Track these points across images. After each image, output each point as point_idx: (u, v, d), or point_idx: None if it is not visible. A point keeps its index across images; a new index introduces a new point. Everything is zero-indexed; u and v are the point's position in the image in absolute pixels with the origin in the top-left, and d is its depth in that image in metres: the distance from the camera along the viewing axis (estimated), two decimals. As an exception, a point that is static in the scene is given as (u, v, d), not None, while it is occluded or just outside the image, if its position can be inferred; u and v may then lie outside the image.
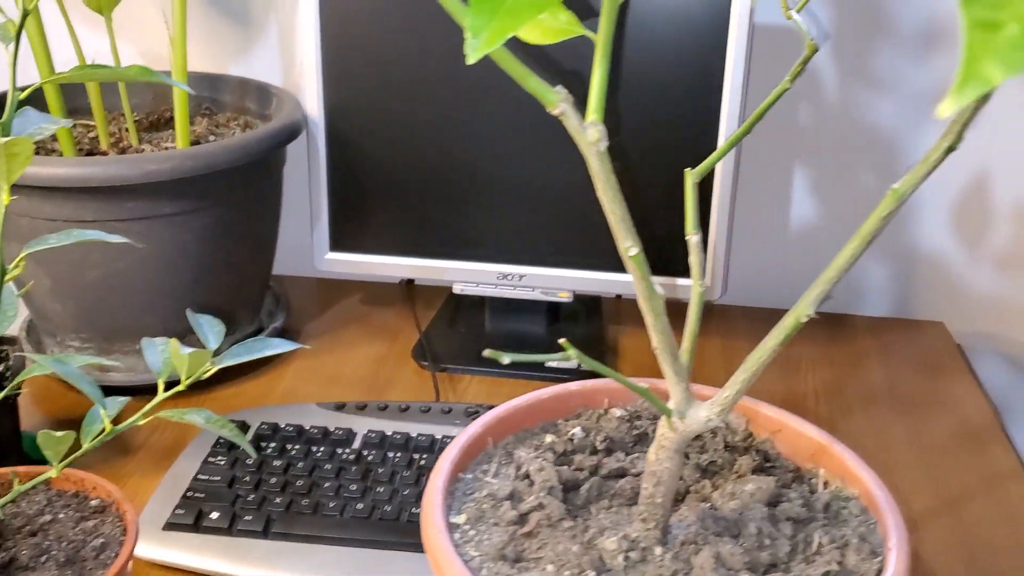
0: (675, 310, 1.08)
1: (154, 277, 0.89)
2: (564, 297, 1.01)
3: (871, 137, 1.10)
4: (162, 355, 0.54)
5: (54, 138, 0.96)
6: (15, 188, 0.51)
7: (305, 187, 1.00)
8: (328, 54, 0.94)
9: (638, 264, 0.42)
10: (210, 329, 0.55)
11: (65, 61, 0.93)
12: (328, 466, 0.81)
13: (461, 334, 1.06)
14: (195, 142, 0.98)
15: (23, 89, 0.53)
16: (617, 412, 0.61)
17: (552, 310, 1.06)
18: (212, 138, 0.99)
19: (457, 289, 1.02)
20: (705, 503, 0.54)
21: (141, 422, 0.55)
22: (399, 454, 0.82)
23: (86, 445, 0.55)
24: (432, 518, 0.50)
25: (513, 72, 0.39)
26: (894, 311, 1.18)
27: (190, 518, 0.76)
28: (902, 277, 1.17)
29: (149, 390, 0.93)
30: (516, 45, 0.40)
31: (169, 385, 0.55)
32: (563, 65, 0.90)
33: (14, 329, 1.00)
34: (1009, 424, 1.18)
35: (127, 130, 1.00)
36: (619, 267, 0.98)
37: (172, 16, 0.92)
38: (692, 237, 0.49)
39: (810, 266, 1.17)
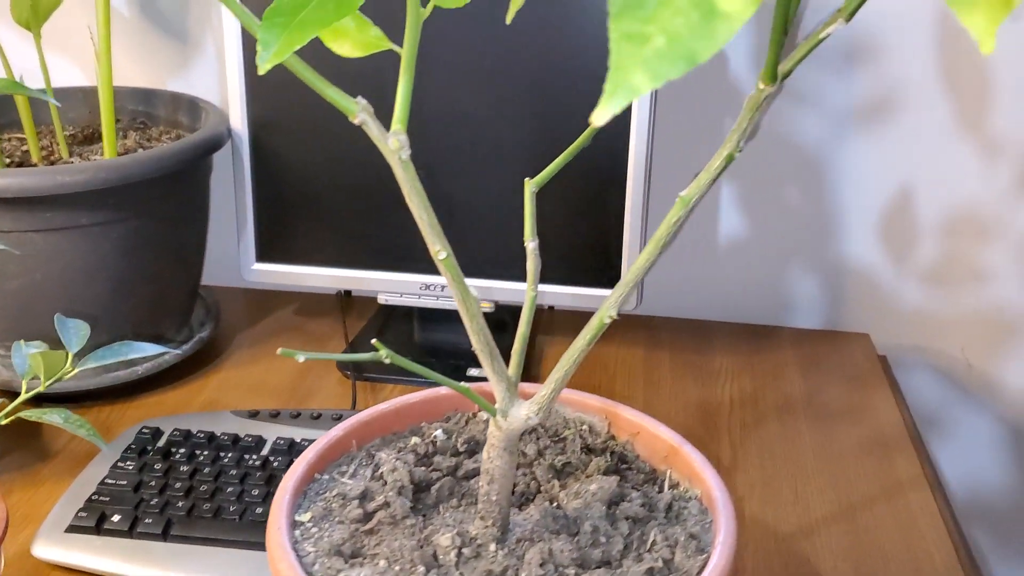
0: (583, 326, 1.09)
1: (73, 288, 0.91)
2: (485, 308, 1.03)
3: (796, 152, 1.12)
4: (27, 358, 0.56)
5: (-17, 151, 0.98)
6: None
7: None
8: (252, 67, 0.96)
9: (448, 267, 0.44)
10: (74, 332, 0.57)
11: (-8, 76, 0.95)
12: (234, 472, 0.83)
13: (388, 344, 1.06)
14: (123, 154, 1.00)
15: None
16: (484, 415, 0.63)
17: (487, 320, 1.07)
18: (140, 151, 1.01)
19: (382, 300, 1.03)
20: (552, 503, 0.55)
21: (3, 421, 0.57)
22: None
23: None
24: (274, 516, 0.51)
25: (311, 83, 0.41)
26: (822, 323, 1.20)
27: (92, 521, 0.77)
28: (830, 290, 1.18)
29: (79, 397, 0.96)
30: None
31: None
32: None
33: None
34: (932, 434, 1.20)
35: (59, 144, 1.02)
36: (546, 278, 1.00)
37: (98, 31, 0.95)
38: (529, 244, 0.50)
39: (738, 278, 1.18)
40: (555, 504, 0.55)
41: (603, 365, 1.06)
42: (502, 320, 1.09)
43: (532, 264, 0.51)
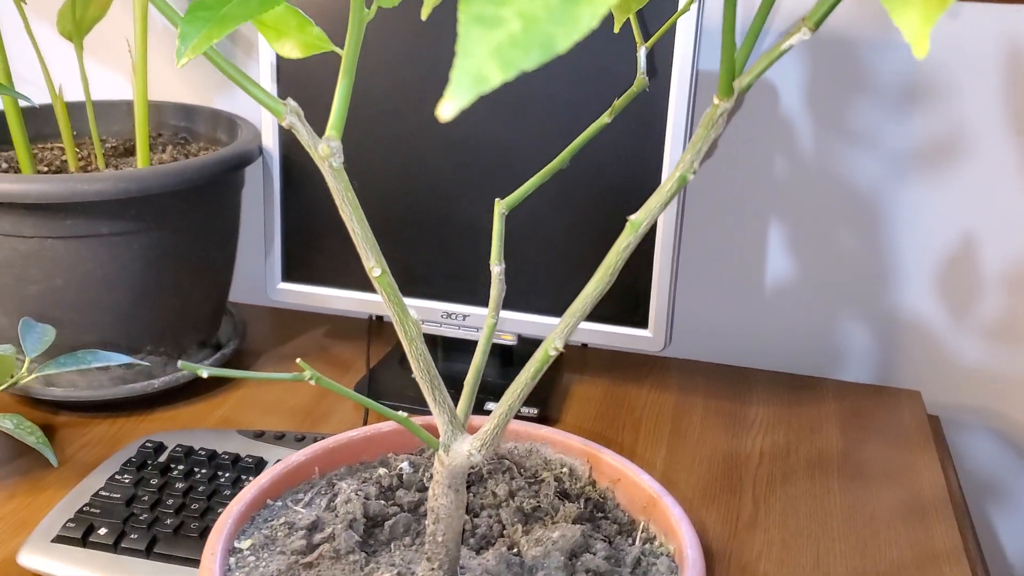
0: (621, 363, 1.05)
1: (92, 295, 0.91)
2: (508, 340, 0.99)
3: (849, 193, 1.06)
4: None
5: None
6: None
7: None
8: (285, 86, 0.96)
9: (383, 285, 0.41)
10: (37, 337, 0.55)
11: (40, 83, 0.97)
12: (228, 492, 0.81)
13: (407, 371, 1.05)
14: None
15: None
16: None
17: (505, 352, 1.04)
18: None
19: (403, 326, 1.01)
20: (511, 548, 0.52)
21: (-40, 425, 0.56)
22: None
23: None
24: (211, 541, 0.49)
25: (237, 82, 0.38)
26: (872, 378, 1.13)
27: (79, 532, 0.76)
28: (882, 342, 1.12)
29: (92, 407, 0.96)
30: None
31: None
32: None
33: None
34: (990, 502, 1.11)
35: (96, 154, 1.03)
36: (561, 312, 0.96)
37: (135, 46, 0.95)
38: (494, 267, 0.47)
39: (783, 324, 1.13)
40: (514, 550, 0.51)
41: (631, 407, 1.02)
42: (528, 353, 1.06)
43: (496, 290, 0.47)
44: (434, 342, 1.05)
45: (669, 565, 0.50)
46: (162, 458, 0.86)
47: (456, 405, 0.46)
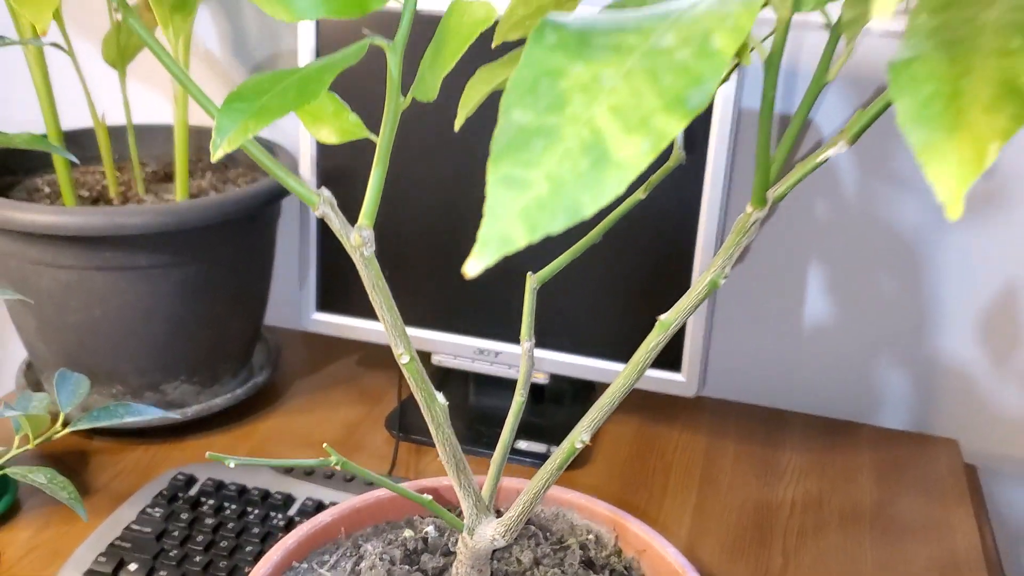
0: (652, 402, 1.04)
1: (130, 325, 0.92)
2: (539, 378, 0.99)
3: (891, 237, 1.05)
4: (28, 407, 0.56)
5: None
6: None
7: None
8: (323, 158, 0.97)
9: (412, 372, 0.41)
10: (72, 390, 0.56)
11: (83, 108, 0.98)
12: (256, 530, 0.81)
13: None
14: (195, 195, 1.01)
15: None
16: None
17: (537, 390, 1.04)
18: (213, 193, 1.03)
19: (435, 360, 1.01)
20: (534, 623, 0.51)
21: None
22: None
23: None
24: (235, 607, 0.49)
25: (273, 172, 0.38)
26: (909, 424, 1.11)
27: (110, 567, 0.77)
28: (921, 389, 1.10)
29: (126, 433, 0.97)
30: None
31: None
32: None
33: (15, 366, 1.05)
34: (1027, 558, 1.09)
35: (135, 179, 1.04)
36: (595, 353, 0.96)
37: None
38: (525, 343, 0.47)
39: (820, 367, 1.11)
40: (537, 625, 0.51)
41: (660, 451, 1.01)
42: (560, 391, 1.06)
43: (525, 365, 0.47)
44: (466, 378, 1.05)
45: (693, 648, 0.50)
46: (192, 491, 0.86)
47: (482, 484, 0.45)
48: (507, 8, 0.54)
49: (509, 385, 1.02)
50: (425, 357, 1.06)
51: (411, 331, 1.00)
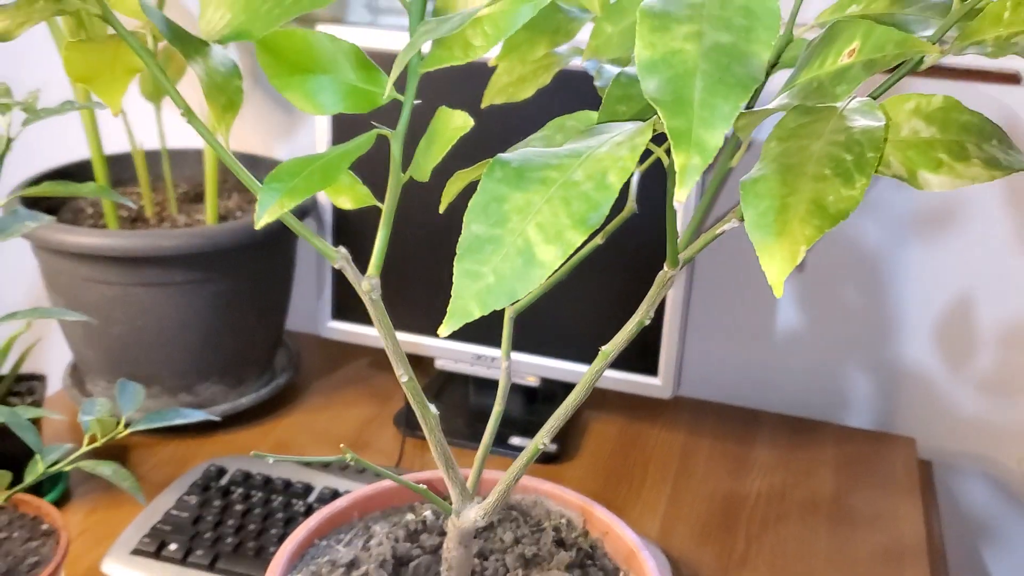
0: (636, 403, 1.14)
1: (168, 335, 1.03)
2: (531, 381, 1.10)
3: (856, 252, 1.15)
4: (92, 415, 0.67)
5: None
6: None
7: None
8: (339, 138, 1.07)
9: (410, 388, 0.52)
10: (131, 397, 0.67)
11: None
12: (280, 515, 0.93)
13: (442, 406, 1.15)
14: (223, 216, 1.13)
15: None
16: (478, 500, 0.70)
17: (530, 392, 1.15)
18: (239, 213, 1.14)
19: (438, 365, 1.12)
20: (514, 590, 0.62)
21: (67, 468, 0.68)
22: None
23: (27, 480, 0.68)
24: (269, 574, 0.60)
25: (300, 232, 0.49)
26: (873, 423, 1.21)
27: (153, 547, 0.88)
28: (883, 390, 1.20)
29: (163, 429, 1.08)
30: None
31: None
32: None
33: (61, 367, 1.17)
34: (986, 545, 1.20)
35: (169, 200, 1.16)
36: (583, 358, 1.07)
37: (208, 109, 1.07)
38: (504, 362, 0.58)
39: (792, 370, 1.22)
40: (516, 592, 0.62)
41: (641, 447, 1.12)
42: (552, 392, 1.16)
43: (504, 382, 0.58)
44: (466, 381, 1.16)
45: (641, 612, 0.61)
46: (223, 481, 0.98)
47: (469, 475, 0.56)
48: (492, 77, 0.65)
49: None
50: (429, 362, 1.17)
51: (417, 338, 1.11)
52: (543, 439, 0.52)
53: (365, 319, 1.13)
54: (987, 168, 0.40)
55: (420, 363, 1.26)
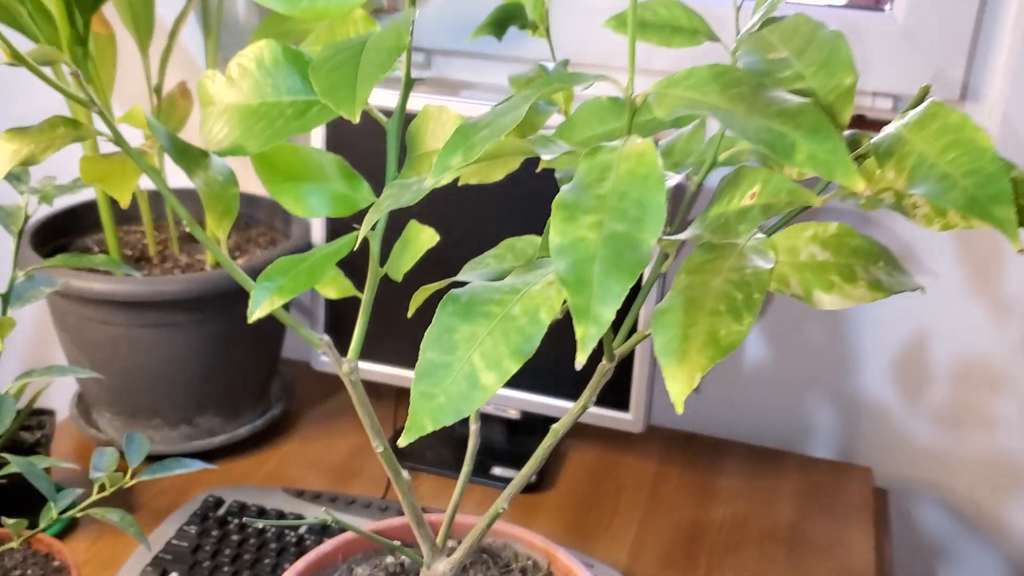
0: (611, 433, 1.21)
1: (168, 371, 1.10)
2: (513, 414, 1.17)
3: (814, 294, 1.22)
4: (102, 471, 0.74)
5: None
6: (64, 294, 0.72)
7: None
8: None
9: (386, 458, 0.59)
10: (136, 448, 0.74)
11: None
12: (273, 545, 1.00)
13: (429, 436, 1.23)
14: (233, 249, 1.20)
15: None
16: (451, 543, 0.77)
17: (511, 424, 1.22)
18: (238, 253, 1.21)
19: (424, 398, 1.20)
20: (481, 628, 0.69)
21: (78, 515, 0.75)
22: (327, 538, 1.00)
23: (41, 525, 0.75)
24: (260, 615, 0.67)
25: (289, 324, 0.56)
26: (834, 453, 1.29)
27: (155, 575, 0.96)
28: (844, 422, 1.27)
29: (163, 458, 1.15)
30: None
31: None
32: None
33: (67, 397, 1.24)
34: (941, 567, 1.27)
35: (171, 239, 1.23)
36: (561, 393, 1.14)
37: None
38: (472, 424, 0.64)
39: (759, 401, 1.29)
40: (482, 629, 0.69)
41: (615, 476, 1.19)
42: (532, 425, 1.24)
43: (472, 444, 0.65)
44: (451, 410, 1.23)
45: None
46: (220, 512, 1.05)
47: (437, 532, 0.64)
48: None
49: (491, 420, 1.20)
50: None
51: (405, 372, 1.18)
52: (501, 505, 0.59)
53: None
54: (871, 290, 0.47)
55: (408, 394, 1.33)
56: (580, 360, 0.35)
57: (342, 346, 0.63)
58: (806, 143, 0.35)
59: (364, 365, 1.20)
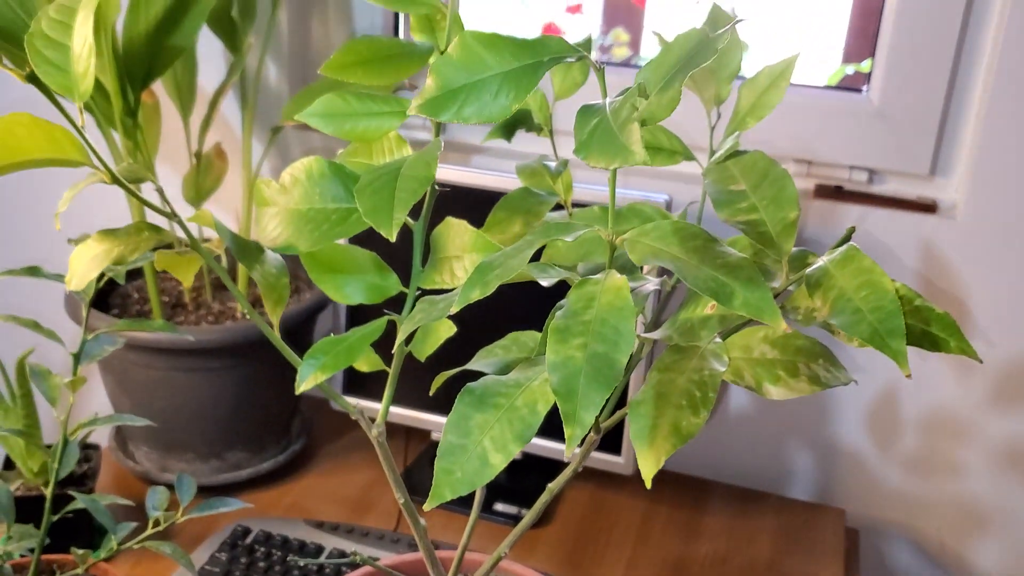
0: (605, 473, 1.31)
1: (202, 411, 1.21)
2: (515, 455, 1.27)
3: (795, 348, 1.33)
4: (157, 510, 0.85)
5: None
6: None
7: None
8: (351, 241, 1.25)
9: (406, 509, 0.69)
10: (187, 488, 0.85)
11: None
12: (296, 572, 1.10)
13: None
14: (253, 302, 1.31)
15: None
16: (459, 576, 0.88)
17: (513, 463, 1.32)
18: (265, 302, 1.32)
19: (434, 436, 1.30)
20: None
21: (136, 547, 0.85)
22: (350, 570, 1.10)
23: (102, 554, 0.85)
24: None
25: (329, 394, 0.67)
26: (811, 495, 1.39)
27: (190, 599, 1.06)
28: (822, 466, 1.38)
29: (200, 490, 1.26)
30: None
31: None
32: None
33: (106, 430, 1.34)
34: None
35: (205, 287, 1.34)
36: (559, 437, 1.24)
37: (241, 213, 1.26)
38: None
39: (744, 445, 1.39)
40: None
41: (606, 514, 1.29)
42: (532, 465, 1.34)
43: (480, 492, 0.75)
44: (458, 449, 1.34)
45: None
46: (248, 540, 1.15)
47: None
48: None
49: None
50: (426, 434, 1.35)
51: (416, 413, 1.29)
52: (502, 550, 0.69)
53: (371, 395, 1.31)
54: (810, 384, 0.57)
55: (418, 434, 1.44)
56: (568, 453, 0.46)
57: (355, 380, 0.70)
58: (742, 291, 0.45)
59: (377, 405, 1.30)
